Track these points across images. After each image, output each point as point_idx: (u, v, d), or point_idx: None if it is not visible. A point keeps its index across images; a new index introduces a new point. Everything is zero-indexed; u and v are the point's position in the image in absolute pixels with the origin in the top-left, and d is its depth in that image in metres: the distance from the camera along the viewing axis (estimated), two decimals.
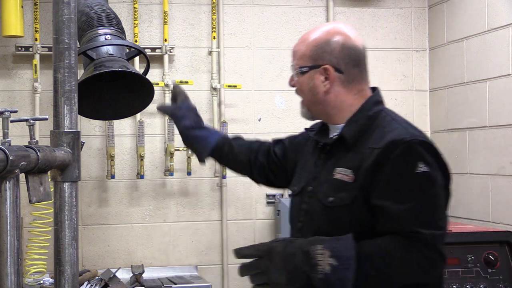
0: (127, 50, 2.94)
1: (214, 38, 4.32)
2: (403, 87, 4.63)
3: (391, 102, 4.61)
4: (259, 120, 4.37)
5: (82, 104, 2.78)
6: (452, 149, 4.35)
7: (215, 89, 4.30)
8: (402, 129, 2.09)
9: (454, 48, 4.36)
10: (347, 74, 2.21)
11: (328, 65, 2.18)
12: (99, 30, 2.81)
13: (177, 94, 2.61)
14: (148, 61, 3.03)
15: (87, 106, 2.84)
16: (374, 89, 2.30)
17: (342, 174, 2.10)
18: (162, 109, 2.66)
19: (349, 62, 2.20)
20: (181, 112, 2.57)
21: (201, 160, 2.59)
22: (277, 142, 2.56)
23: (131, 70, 2.70)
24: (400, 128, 2.09)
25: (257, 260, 2.03)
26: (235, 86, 4.30)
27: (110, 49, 2.77)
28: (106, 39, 2.79)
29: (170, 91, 2.77)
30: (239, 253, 2.07)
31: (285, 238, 2.12)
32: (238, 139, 2.61)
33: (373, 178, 2.02)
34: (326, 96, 2.20)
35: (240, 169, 2.62)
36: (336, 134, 2.20)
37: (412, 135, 2.06)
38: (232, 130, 4.25)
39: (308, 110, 2.25)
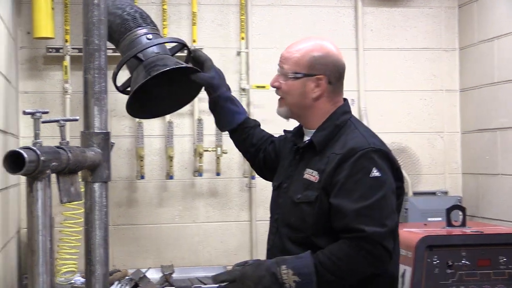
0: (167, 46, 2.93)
1: (242, 38, 4.32)
2: (432, 87, 4.60)
3: (420, 102, 4.58)
4: (287, 120, 4.36)
5: (135, 106, 2.79)
6: (482, 150, 4.31)
7: (243, 89, 4.30)
8: (362, 137, 2.37)
9: (484, 48, 4.31)
10: (334, 86, 2.49)
11: (323, 76, 2.46)
12: (138, 31, 2.80)
13: (203, 60, 2.79)
14: (189, 52, 3.00)
15: (139, 107, 2.83)
16: (345, 100, 2.55)
17: (310, 174, 2.39)
18: (199, 79, 2.74)
19: (337, 76, 2.49)
20: (216, 81, 2.77)
21: (221, 130, 2.89)
22: (271, 142, 2.81)
23: (186, 66, 2.71)
24: (360, 137, 2.37)
25: (232, 284, 2.35)
26: (263, 87, 4.29)
27: (155, 48, 2.76)
28: (148, 38, 2.78)
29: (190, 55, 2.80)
30: (216, 279, 2.38)
31: (255, 261, 2.40)
32: (258, 129, 2.86)
33: (332, 180, 2.31)
34: (314, 102, 2.47)
35: (245, 155, 2.91)
36: (308, 138, 2.47)
37: (370, 143, 2.34)
38: None
39: (289, 111, 2.52)
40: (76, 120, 2.04)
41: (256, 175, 4.22)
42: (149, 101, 2.86)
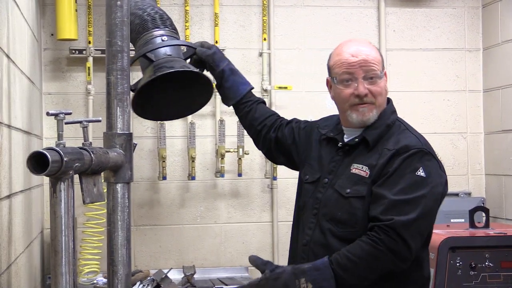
0: (184, 50, 2.95)
1: (264, 39, 4.32)
2: (456, 88, 4.56)
3: (443, 103, 4.55)
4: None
5: (144, 107, 2.80)
6: (506, 151, 4.27)
7: (265, 90, 4.30)
8: (415, 138, 2.46)
9: (508, 48, 4.28)
10: None
11: (385, 70, 2.56)
12: (154, 32, 2.82)
13: (208, 45, 2.91)
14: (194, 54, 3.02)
15: (148, 109, 2.85)
16: (388, 99, 2.60)
17: (359, 169, 2.43)
18: (202, 54, 2.85)
19: None
20: (217, 56, 2.87)
21: (227, 105, 2.93)
22: (288, 123, 2.85)
23: (192, 69, 2.71)
24: (413, 137, 2.46)
25: None
26: (285, 88, 4.29)
27: (167, 50, 2.77)
28: (162, 40, 2.79)
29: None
30: None
31: (271, 273, 2.38)
32: (261, 104, 2.92)
33: (382, 172, 2.37)
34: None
35: (248, 131, 2.94)
36: (354, 136, 2.51)
37: (423, 144, 2.43)
38: None
39: (378, 113, 2.52)
40: (99, 121, 2.05)
41: (279, 176, 4.25)
42: (158, 103, 2.88)
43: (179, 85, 2.85)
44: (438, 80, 4.54)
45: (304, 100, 4.37)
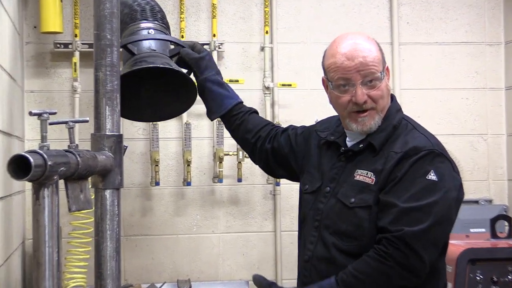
0: (172, 47, 2.95)
1: (267, 32, 4.32)
2: (475, 85, 4.56)
3: (461, 102, 4.55)
4: (316, 121, 4.35)
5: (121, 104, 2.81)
6: None
7: (268, 88, 4.30)
8: (424, 138, 2.42)
9: None
10: None
11: (387, 67, 2.51)
12: (141, 24, 2.83)
13: (199, 48, 2.89)
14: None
15: (124, 106, 2.86)
16: (391, 96, 2.56)
17: (364, 176, 2.41)
18: (186, 55, 2.84)
19: None
20: (204, 63, 2.84)
21: (210, 118, 2.95)
22: (284, 131, 2.85)
23: (173, 68, 2.71)
24: (422, 137, 2.42)
25: None
26: (289, 85, 4.29)
27: (152, 44, 2.78)
28: (149, 33, 2.81)
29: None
30: None
31: None
32: (253, 114, 2.90)
33: (389, 177, 2.35)
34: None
35: (243, 145, 2.95)
36: (358, 141, 2.49)
37: (433, 145, 2.39)
38: None
39: (381, 118, 2.48)
40: (86, 121, 2.05)
41: (282, 181, 4.25)
42: (138, 102, 2.89)
43: (163, 85, 2.86)
44: (456, 77, 4.54)
45: (309, 99, 4.37)
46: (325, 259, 2.44)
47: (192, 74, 2.94)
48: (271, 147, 2.82)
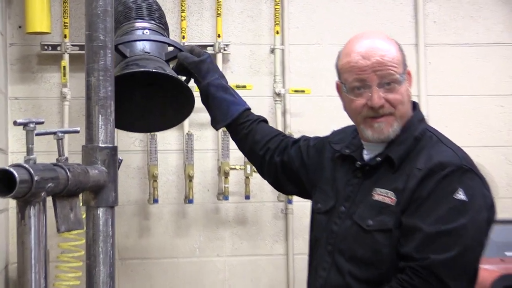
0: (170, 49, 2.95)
1: (277, 33, 4.33)
2: (510, 91, 4.55)
3: (495, 110, 4.54)
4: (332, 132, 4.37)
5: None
6: None
7: (278, 94, 4.30)
8: (451, 152, 2.37)
9: None
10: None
11: (409, 69, 2.46)
12: (136, 23, 2.84)
13: (198, 51, 2.88)
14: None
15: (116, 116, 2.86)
16: (413, 103, 2.52)
17: (383, 195, 2.36)
18: (184, 59, 2.83)
19: None
20: (205, 66, 2.82)
21: (215, 128, 2.93)
22: (295, 142, 2.82)
23: (166, 73, 2.70)
24: (448, 151, 2.37)
25: None
26: (303, 91, 4.29)
27: (147, 46, 2.78)
28: (144, 33, 2.81)
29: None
30: None
31: None
32: (262, 123, 2.88)
33: (412, 197, 2.30)
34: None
35: (250, 158, 2.95)
36: (376, 154, 2.45)
37: (461, 160, 2.34)
38: None
39: (400, 125, 2.43)
40: (77, 132, 2.05)
41: (295, 199, 4.25)
42: (130, 110, 2.89)
43: (157, 92, 2.87)
44: (489, 82, 4.53)
45: (325, 106, 4.37)
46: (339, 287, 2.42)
47: (193, 80, 2.94)
48: (280, 160, 2.80)
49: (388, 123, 2.40)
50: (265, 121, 2.91)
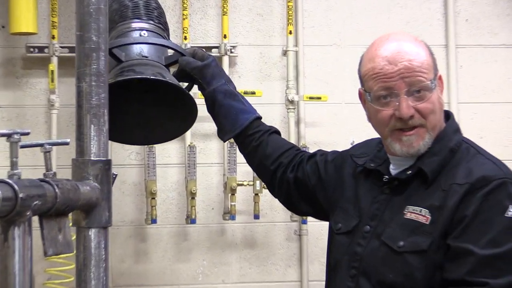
0: (170, 53, 2.96)
1: (290, 33, 4.34)
2: None
3: None
4: (351, 143, 4.36)
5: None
6: None
7: (291, 102, 4.31)
8: (493, 165, 2.37)
9: None
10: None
11: (440, 74, 2.46)
12: (133, 24, 2.84)
13: (201, 54, 2.86)
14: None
15: (109, 126, 2.86)
16: (446, 112, 2.53)
17: (417, 213, 2.36)
18: (186, 64, 2.81)
19: None
20: (210, 70, 2.81)
21: (223, 139, 2.93)
22: (311, 157, 2.81)
23: (166, 80, 2.71)
24: (490, 164, 2.38)
25: None
26: (319, 98, 4.30)
27: (144, 49, 2.78)
28: (141, 35, 2.82)
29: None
30: None
31: None
32: (273, 135, 2.86)
33: (454, 217, 2.29)
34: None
35: (260, 174, 2.95)
36: (406, 167, 2.44)
37: (506, 173, 2.34)
38: None
39: (432, 138, 2.42)
40: (66, 144, 2.06)
41: (310, 218, 4.24)
42: (126, 120, 2.90)
43: (156, 101, 2.87)
44: None
45: (344, 116, 4.37)
46: None
47: (197, 87, 2.94)
48: (294, 177, 2.78)
49: (419, 136, 2.39)
50: (278, 132, 2.90)
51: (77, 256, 1.89)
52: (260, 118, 2.87)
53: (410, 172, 2.42)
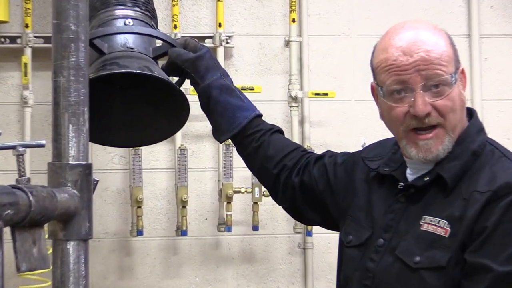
0: (158, 44, 2.97)
1: (293, 21, 4.34)
2: None
3: None
4: (362, 145, 4.37)
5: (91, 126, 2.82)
6: None
7: (295, 98, 4.31)
8: None
9: None
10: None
11: (462, 67, 2.42)
12: (116, 11, 2.84)
13: (194, 45, 2.82)
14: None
15: (90, 125, 2.86)
16: (469, 110, 2.50)
17: (434, 225, 2.33)
18: (176, 56, 2.77)
19: None
20: (203, 63, 2.78)
21: (219, 140, 2.90)
22: (318, 159, 2.77)
23: (155, 74, 2.72)
24: None
25: None
26: (325, 95, 4.30)
27: (129, 39, 2.78)
28: (126, 24, 2.82)
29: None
30: None
31: None
32: (276, 135, 2.83)
33: (474, 228, 2.26)
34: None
35: (261, 178, 2.92)
36: (423, 173, 2.42)
37: None
38: None
39: (452, 140, 2.39)
40: (42, 146, 2.06)
41: (315, 230, 4.25)
42: (109, 120, 2.90)
43: (143, 98, 2.87)
44: None
45: (354, 114, 4.38)
46: None
47: (189, 82, 2.94)
48: (299, 181, 2.76)
49: (438, 139, 2.37)
50: (281, 131, 2.88)
51: (54, 272, 1.89)
52: (260, 115, 2.85)
53: (427, 178, 2.40)
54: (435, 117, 2.35)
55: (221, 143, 3.05)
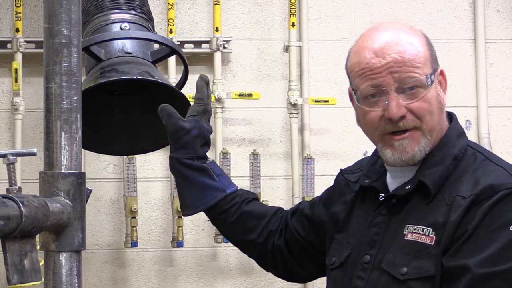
0: (156, 47, 2.97)
1: (293, 25, 4.34)
2: None
3: None
4: (364, 154, 4.38)
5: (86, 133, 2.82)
6: None
7: (294, 105, 4.31)
8: (503, 171, 2.34)
9: None
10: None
11: (441, 69, 2.44)
12: (112, 15, 2.85)
13: (204, 90, 2.75)
14: (185, 64, 3.05)
15: (88, 133, 2.87)
16: (449, 114, 2.51)
17: (419, 233, 2.32)
18: (165, 116, 2.69)
19: None
20: (185, 139, 2.71)
21: (183, 214, 2.88)
22: (293, 212, 2.78)
23: (157, 80, 2.72)
24: (500, 171, 2.34)
25: None
26: (326, 101, 4.30)
27: (127, 44, 2.79)
28: (122, 28, 2.83)
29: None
30: None
31: None
32: (252, 203, 2.82)
33: (456, 233, 2.26)
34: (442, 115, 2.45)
35: (244, 248, 2.87)
36: (405, 181, 2.41)
37: None
38: (322, 170, 4.24)
39: (429, 142, 2.39)
40: (33, 154, 2.06)
41: None
42: (108, 127, 2.90)
43: (143, 104, 2.88)
44: None
45: (355, 122, 4.34)
46: None
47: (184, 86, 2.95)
48: (284, 242, 2.76)
49: (413, 140, 2.36)
50: (256, 198, 2.87)
51: (46, 284, 1.89)
52: (235, 191, 2.81)
53: (409, 186, 2.39)
54: (410, 120, 2.35)
55: (184, 216, 3.03)
